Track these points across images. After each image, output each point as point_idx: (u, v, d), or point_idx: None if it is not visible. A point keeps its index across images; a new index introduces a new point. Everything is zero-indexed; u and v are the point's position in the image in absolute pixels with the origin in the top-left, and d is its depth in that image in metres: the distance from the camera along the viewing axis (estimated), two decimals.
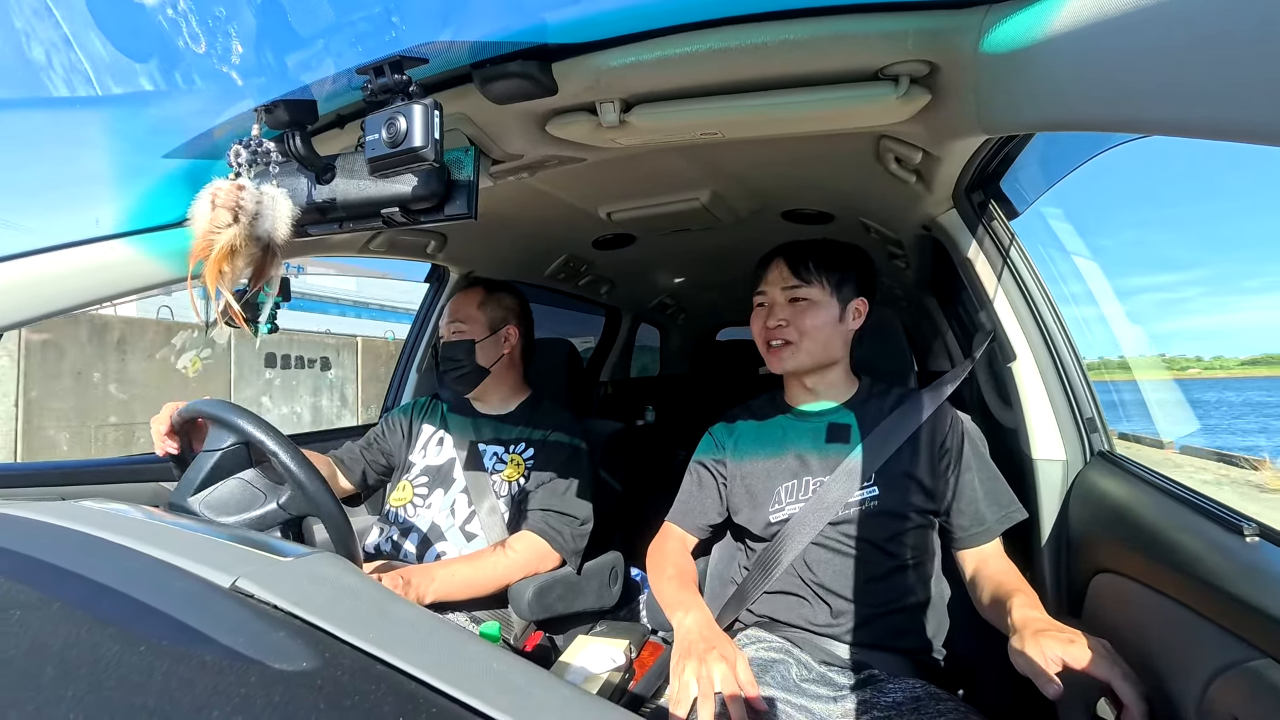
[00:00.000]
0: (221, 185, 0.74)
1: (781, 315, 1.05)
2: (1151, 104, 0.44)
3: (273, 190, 0.75)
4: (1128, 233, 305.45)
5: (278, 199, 0.76)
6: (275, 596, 0.43)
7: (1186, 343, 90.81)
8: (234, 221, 0.72)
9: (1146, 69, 0.43)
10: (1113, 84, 0.47)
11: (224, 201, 0.73)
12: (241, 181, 0.74)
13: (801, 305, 1.04)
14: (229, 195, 0.73)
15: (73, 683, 0.33)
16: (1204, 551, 0.65)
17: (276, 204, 0.75)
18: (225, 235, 0.72)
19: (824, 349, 1.05)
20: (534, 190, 1.32)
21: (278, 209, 0.76)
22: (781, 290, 1.06)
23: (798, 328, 1.04)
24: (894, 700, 0.89)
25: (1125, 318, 1.36)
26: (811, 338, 1.04)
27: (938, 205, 1.14)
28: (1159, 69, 0.42)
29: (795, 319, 1.04)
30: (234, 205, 0.73)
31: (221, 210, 0.73)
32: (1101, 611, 0.83)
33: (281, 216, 0.76)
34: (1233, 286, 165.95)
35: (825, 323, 1.04)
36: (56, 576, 0.46)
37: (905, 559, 0.99)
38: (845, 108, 0.79)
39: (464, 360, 1.35)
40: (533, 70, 0.76)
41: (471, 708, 0.35)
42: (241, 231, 0.73)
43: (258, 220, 0.74)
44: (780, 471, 1.06)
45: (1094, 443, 1.00)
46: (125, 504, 0.71)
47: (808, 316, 1.04)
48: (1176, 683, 0.65)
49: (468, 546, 1.27)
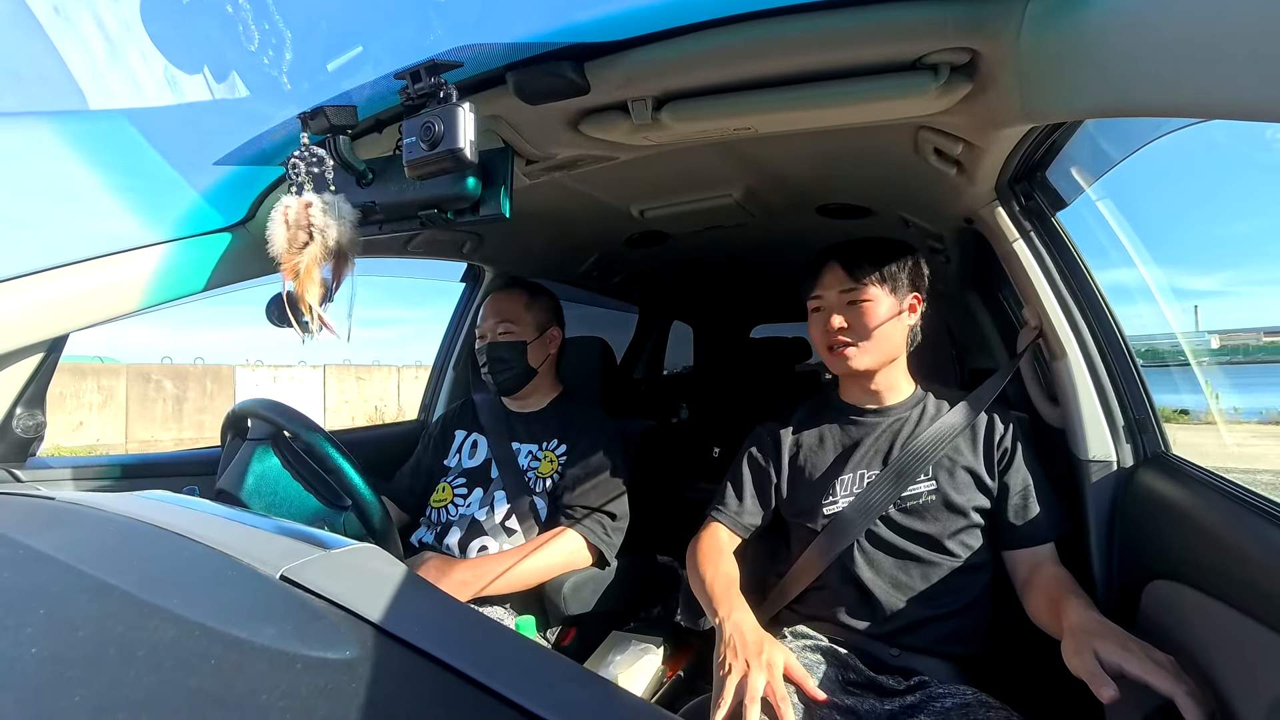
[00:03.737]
0: (291, 204, 0.77)
1: (843, 319, 1.05)
2: (1214, 85, 0.41)
3: (332, 198, 0.78)
4: (1185, 225, 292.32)
5: (340, 205, 0.79)
6: (320, 587, 0.45)
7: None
8: (311, 239, 0.76)
9: (1202, 49, 0.40)
10: (1164, 66, 0.45)
11: (297, 220, 0.76)
12: (308, 198, 0.77)
13: (862, 307, 1.04)
14: (300, 213, 0.76)
15: (134, 664, 0.35)
16: (1270, 558, 0.62)
17: (340, 211, 0.79)
18: (307, 254, 0.76)
19: (887, 348, 1.05)
20: (566, 189, 1.33)
21: (342, 215, 0.79)
22: (839, 294, 1.05)
23: (860, 330, 1.04)
24: (944, 707, 0.87)
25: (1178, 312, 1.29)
26: (875, 339, 1.03)
27: (980, 198, 1.10)
28: (1215, 48, 0.39)
29: (857, 322, 1.04)
30: (307, 223, 0.76)
31: (297, 229, 0.76)
32: (1156, 620, 0.80)
33: (346, 221, 0.79)
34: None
35: (886, 322, 1.04)
36: (117, 563, 0.48)
37: (960, 559, 0.97)
38: (882, 99, 0.77)
39: (516, 361, 1.37)
40: (565, 70, 0.76)
41: (509, 700, 0.35)
42: (319, 246, 0.76)
43: (329, 231, 0.77)
44: (837, 466, 1.06)
45: (1147, 444, 0.96)
46: (179, 494, 0.74)
47: (869, 318, 1.03)
48: (1238, 698, 0.62)
49: (508, 541, 1.29)
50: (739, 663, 0.81)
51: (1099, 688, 0.66)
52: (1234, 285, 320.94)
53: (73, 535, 0.55)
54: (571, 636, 1.33)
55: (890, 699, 0.90)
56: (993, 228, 1.13)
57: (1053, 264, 1.05)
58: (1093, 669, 0.67)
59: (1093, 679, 0.67)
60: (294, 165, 0.77)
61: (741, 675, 0.79)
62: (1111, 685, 0.65)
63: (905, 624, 0.95)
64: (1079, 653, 0.70)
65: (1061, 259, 1.05)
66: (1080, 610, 0.79)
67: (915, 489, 0.99)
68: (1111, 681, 0.66)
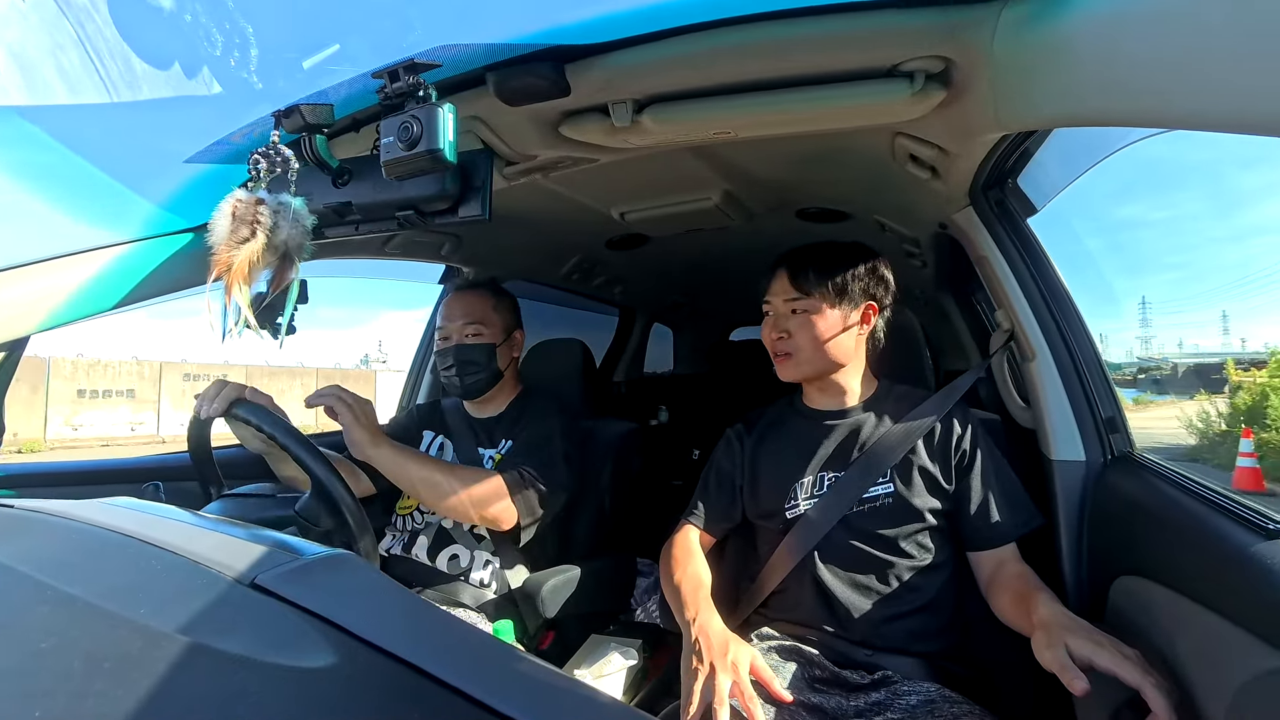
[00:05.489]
0: (241, 198, 0.75)
1: (784, 326, 1.05)
2: (1176, 98, 0.43)
3: (291, 200, 0.77)
4: (1146, 229, 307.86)
5: (296, 209, 0.77)
6: (294, 594, 0.44)
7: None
8: (252, 236, 0.74)
9: (1171, 61, 0.42)
10: (1135, 77, 0.46)
11: (244, 215, 0.74)
12: (261, 195, 0.76)
13: (805, 318, 1.04)
14: (248, 209, 0.75)
15: (100, 676, 0.34)
16: (1232, 554, 0.64)
17: (294, 214, 0.77)
18: (244, 250, 0.74)
19: (827, 358, 1.04)
20: (547, 191, 1.32)
21: (295, 219, 0.77)
22: (784, 302, 1.06)
23: (798, 339, 1.04)
24: (909, 704, 0.88)
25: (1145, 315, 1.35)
26: (812, 349, 1.04)
27: (954, 203, 1.13)
28: (1184, 61, 0.41)
29: (797, 331, 1.04)
30: (253, 219, 0.74)
31: (240, 224, 0.74)
32: (1124, 614, 0.82)
33: (299, 226, 0.78)
34: None
35: (827, 333, 1.03)
36: (81, 573, 0.47)
37: (921, 559, 0.98)
38: (859, 104, 0.78)
39: (485, 364, 1.33)
40: (546, 72, 0.76)
41: (488, 706, 0.35)
42: (260, 245, 0.74)
43: (276, 231, 0.75)
44: (797, 469, 1.06)
45: (1115, 443, 0.98)
46: (148, 501, 0.72)
47: (808, 328, 1.03)
48: (1202, 690, 0.64)
49: (479, 548, 1.27)
50: (704, 666, 0.82)
51: (1070, 680, 0.67)
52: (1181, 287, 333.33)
53: (33, 544, 0.53)
54: (550, 640, 1.32)
55: (856, 695, 0.91)
56: (966, 232, 1.15)
57: (1024, 267, 1.07)
58: (1064, 662, 0.69)
59: (1064, 672, 0.68)
60: (256, 161, 0.76)
61: (706, 677, 0.80)
62: (1082, 678, 0.67)
63: (867, 624, 0.96)
64: (1050, 647, 0.71)
65: (1032, 263, 1.07)
66: (1049, 606, 0.80)
67: (874, 491, 1.00)
68: (1082, 674, 0.67)
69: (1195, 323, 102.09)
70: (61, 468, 1.22)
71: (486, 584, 1.26)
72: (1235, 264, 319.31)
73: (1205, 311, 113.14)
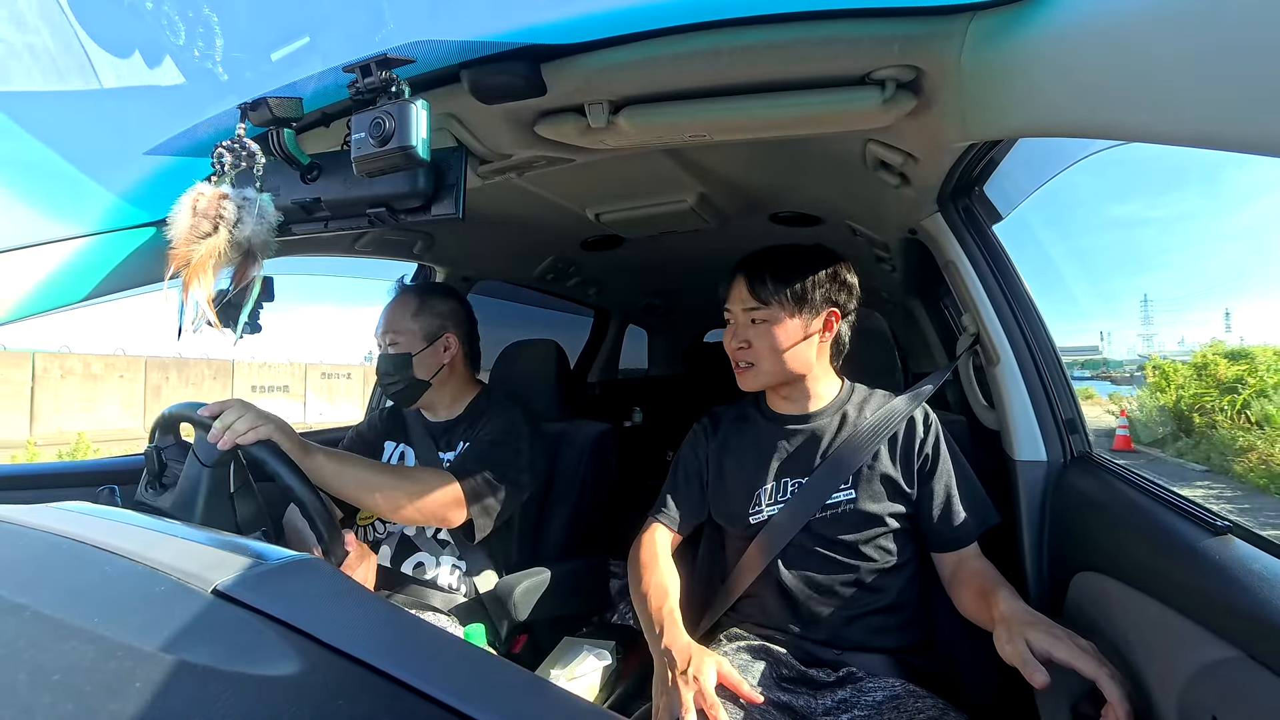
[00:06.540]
0: (204, 191, 0.73)
1: (743, 336, 1.04)
2: (1132, 112, 0.45)
3: (255, 195, 0.75)
4: (1109, 234, 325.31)
5: (261, 204, 0.75)
6: (257, 601, 0.43)
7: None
8: (214, 231, 0.72)
9: (1128, 77, 0.44)
10: (1094, 91, 0.48)
11: (205, 209, 0.72)
12: (224, 189, 0.73)
13: (763, 328, 1.02)
14: (210, 203, 0.72)
15: (48, 690, 0.32)
16: (1181, 550, 0.66)
17: (259, 210, 0.75)
18: (205, 245, 0.72)
19: (786, 367, 1.03)
20: (522, 191, 1.31)
21: (260, 215, 0.75)
22: (743, 310, 1.04)
23: (758, 349, 1.03)
24: (874, 700, 0.90)
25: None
26: (772, 360, 1.03)
27: (923, 209, 1.15)
28: (1140, 78, 0.42)
29: (756, 340, 1.03)
30: (215, 214, 0.72)
31: (202, 218, 0.72)
32: (1083, 609, 0.84)
33: (264, 222, 0.75)
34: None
35: (786, 341, 1.02)
36: (29, 580, 0.45)
37: (883, 561, 0.99)
38: (832, 111, 0.80)
39: (400, 375, 1.29)
40: (522, 70, 0.76)
41: (459, 711, 0.34)
42: (221, 240, 0.72)
43: (239, 227, 0.73)
44: (760, 475, 1.06)
45: (1074, 444, 1.01)
46: (101, 506, 0.69)
47: (767, 338, 1.02)
48: (1155, 680, 0.66)
49: (444, 555, 1.26)
50: (669, 684, 0.85)
51: (1030, 673, 0.70)
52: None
53: None
54: (523, 644, 1.31)
55: (823, 693, 0.93)
56: (934, 238, 1.18)
57: (989, 273, 1.10)
58: (1025, 656, 0.71)
59: (1024, 665, 0.70)
60: (220, 155, 0.74)
61: (671, 691, 0.83)
62: (1042, 671, 0.69)
63: (832, 624, 0.98)
64: (1011, 641, 0.73)
65: (997, 269, 1.10)
66: (1010, 601, 0.83)
67: (836, 498, 1.00)
68: (1042, 667, 0.70)
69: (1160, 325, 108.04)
70: (12, 471, 1.17)
71: (455, 588, 1.24)
72: (1184, 274, 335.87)
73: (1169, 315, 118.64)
